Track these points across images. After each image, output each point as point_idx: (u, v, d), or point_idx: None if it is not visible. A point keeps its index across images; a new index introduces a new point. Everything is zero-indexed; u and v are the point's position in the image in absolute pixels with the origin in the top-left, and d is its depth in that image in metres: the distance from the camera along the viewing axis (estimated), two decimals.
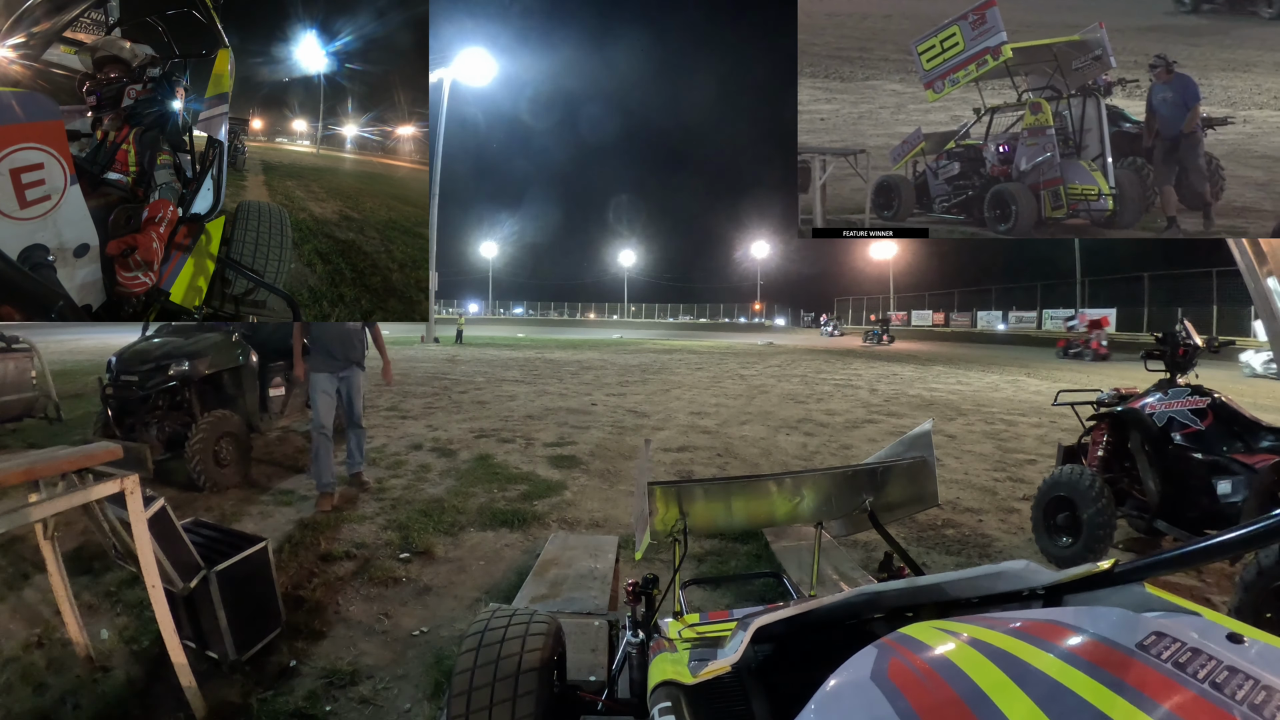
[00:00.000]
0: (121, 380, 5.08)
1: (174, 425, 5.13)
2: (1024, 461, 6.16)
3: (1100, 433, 4.01)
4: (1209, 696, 0.63)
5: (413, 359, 16.40)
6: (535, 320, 64.65)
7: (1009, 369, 16.65)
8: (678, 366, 16.00)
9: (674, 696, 1.16)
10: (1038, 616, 0.86)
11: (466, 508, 4.36)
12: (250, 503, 4.52)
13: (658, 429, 7.49)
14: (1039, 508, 3.88)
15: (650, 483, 1.75)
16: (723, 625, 1.69)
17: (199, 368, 5.19)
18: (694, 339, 34.13)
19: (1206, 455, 3.51)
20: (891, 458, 2.10)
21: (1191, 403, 3.65)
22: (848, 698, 0.78)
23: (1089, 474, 3.64)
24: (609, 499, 4.68)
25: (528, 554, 3.58)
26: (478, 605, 2.99)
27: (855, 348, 27.15)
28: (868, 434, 7.52)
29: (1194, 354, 3.94)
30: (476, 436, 6.76)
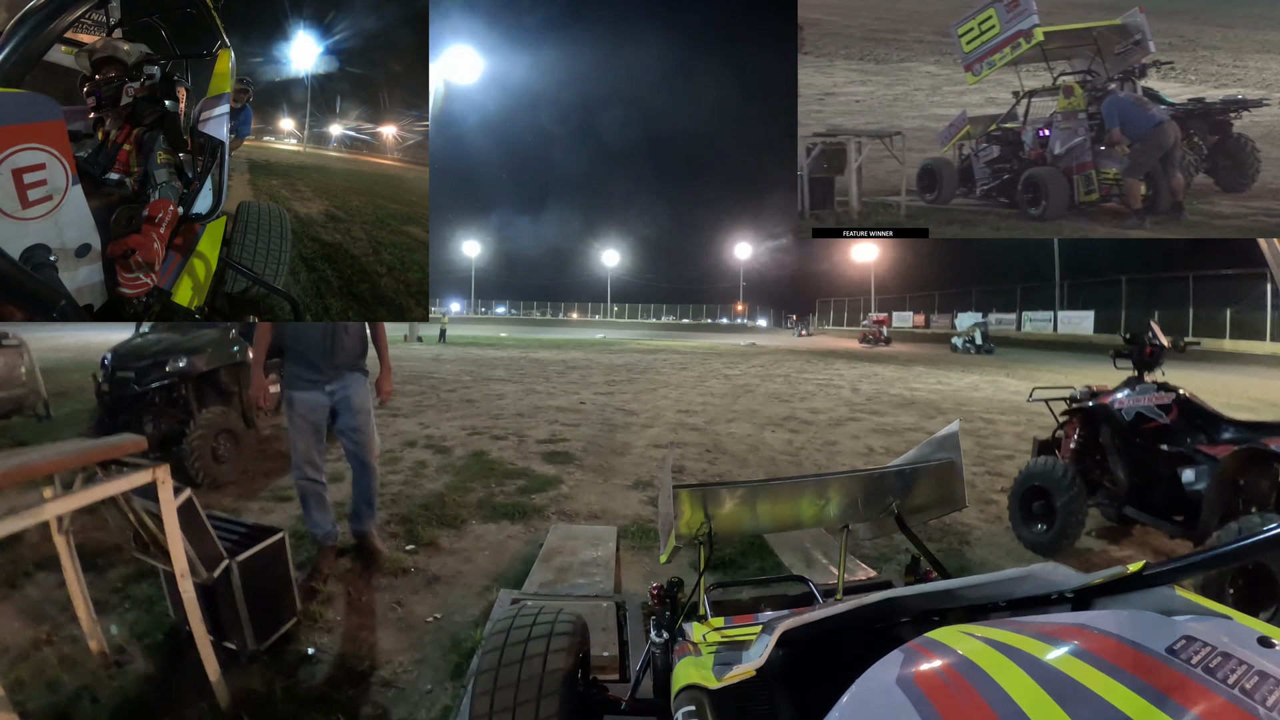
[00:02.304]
0: (118, 376, 5.09)
1: (170, 422, 5.15)
2: (1002, 457, 6.38)
3: (1073, 427, 4.22)
4: (1239, 703, 0.62)
5: (397, 358, 16.38)
6: (518, 320, 64.43)
7: (988, 369, 17.01)
8: (662, 366, 16.17)
9: (698, 700, 1.17)
10: (1065, 620, 0.85)
11: (467, 501, 4.48)
12: (249, 498, 4.60)
13: (647, 426, 7.65)
14: (1015, 497, 4.07)
15: (676, 486, 1.75)
16: (748, 629, 1.68)
17: (197, 364, 5.23)
18: (677, 339, 34.31)
19: (1172, 447, 3.70)
20: (918, 460, 2.06)
21: (1158, 398, 3.85)
22: (873, 703, 0.77)
23: (1062, 465, 3.84)
24: (605, 493, 4.83)
25: (531, 544, 3.71)
26: (488, 592, 3.12)
27: (837, 348, 27.48)
28: (851, 431, 7.73)
29: (1161, 354, 4.15)
30: (469, 434, 6.87)
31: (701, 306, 71.64)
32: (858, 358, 21.40)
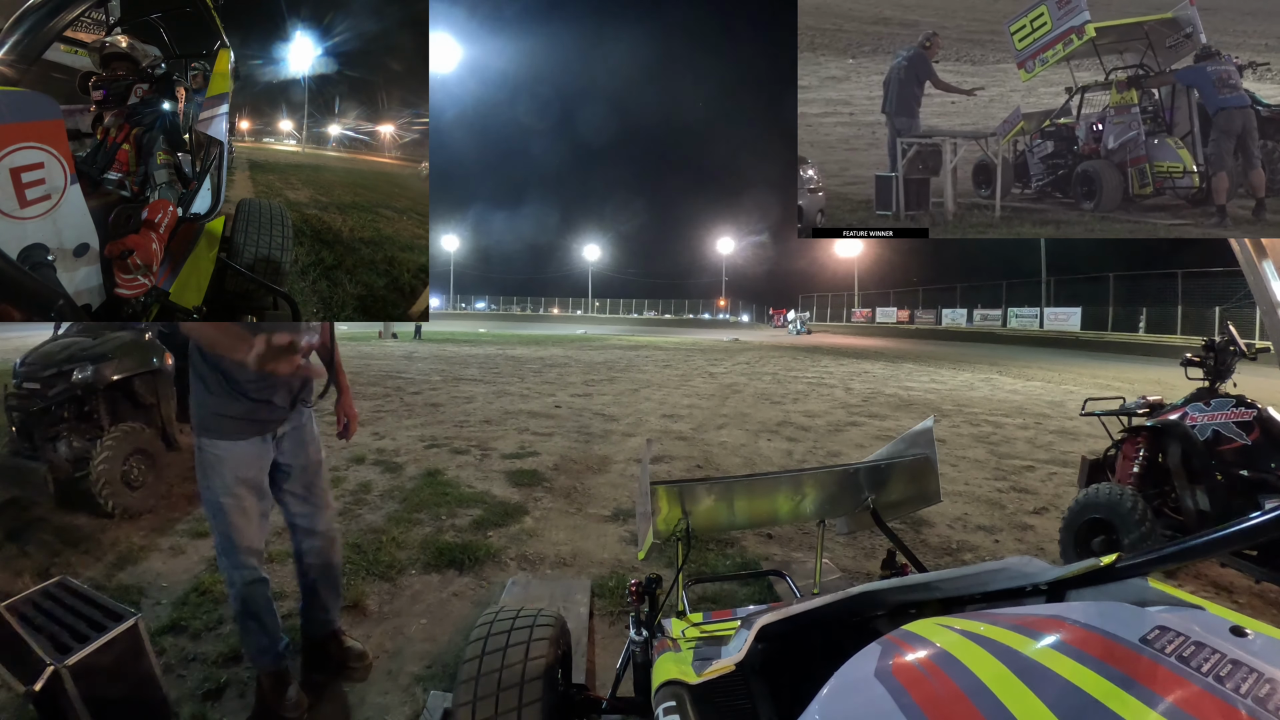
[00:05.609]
0: (24, 389, 4.35)
1: (82, 440, 4.37)
2: (1022, 469, 5.77)
3: (1134, 446, 3.57)
4: (1213, 690, 0.62)
5: (368, 356, 15.51)
6: (497, 315, 63.43)
7: (979, 366, 16.55)
8: (645, 364, 15.45)
9: (678, 696, 1.17)
10: (1041, 612, 0.84)
11: (409, 540, 3.69)
12: (164, 533, 3.82)
13: (628, 435, 6.91)
14: (1070, 529, 3.44)
15: (653, 482, 1.75)
16: (726, 624, 1.72)
17: (105, 373, 4.44)
18: (659, 335, 33.70)
19: (1253, 473, 3.14)
20: (893, 455, 2.08)
21: (1237, 415, 3.24)
22: (852, 695, 0.77)
23: (1130, 494, 3.20)
24: (577, 527, 4.05)
25: (479, 606, 2.94)
26: (413, 691, 2.36)
27: (822, 344, 27.06)
28: (853, 438, 7.07)
29: (1234, 360, 3.53)
30: (427, 446, 6.08)
31: (684, 302, 70.92)
32: (843, 354, 20.91)
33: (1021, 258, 35.95)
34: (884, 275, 51.31)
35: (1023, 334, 31.88)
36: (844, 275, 54.07)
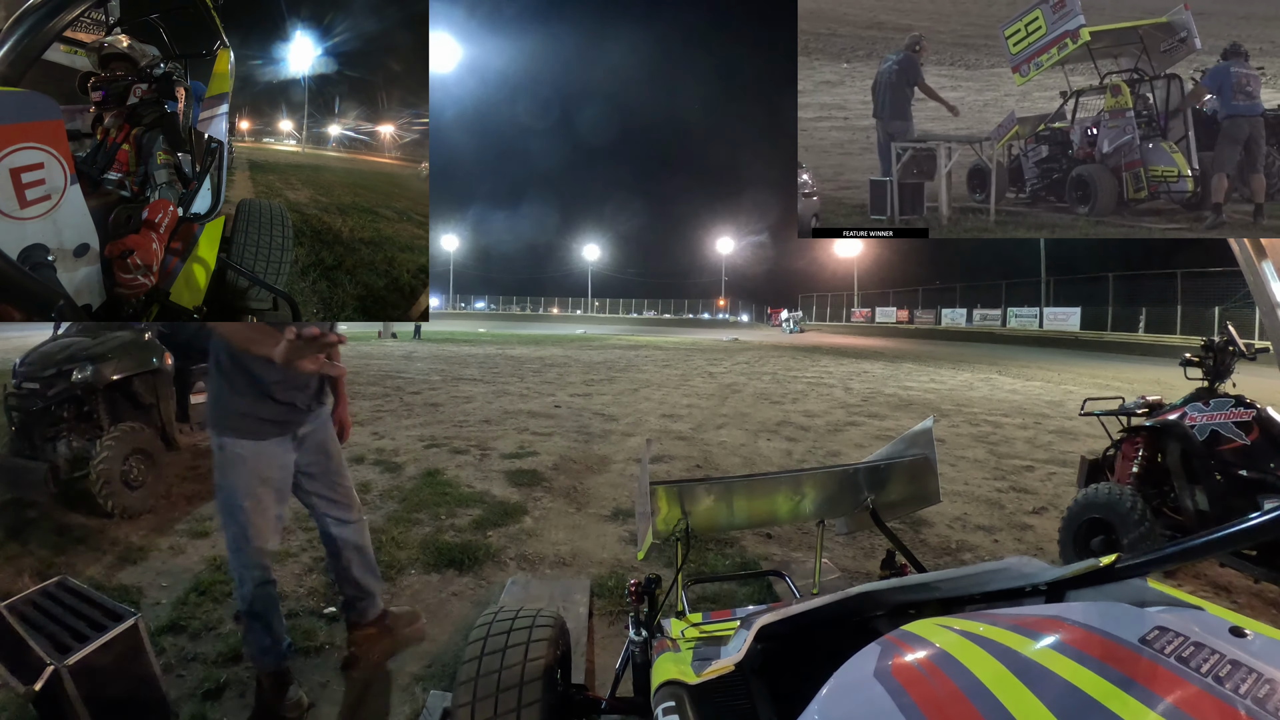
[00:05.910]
0: (24, 388, 4.36)
1: (81, 440, 4.39)
2: (1022, 469, 5.77)
3: (1133, 446, 3.58)
4: (1212, 690, 0.62)
5: (367, 356, 15.51)
6: (497, 315, 63.39)
7: (979, 366, 16.56)
8: (644, 364, 15.45)
9: (678, 696, 1.17)
10: (1040, 612, 0.84)
11: (408, 540, 3.69)
12: (163, 533, 3.82)
13: (627, 434, 6.91)
14: (1069, 529, 3.44)
15: (653, 482, 1.75)
16: (725, 624, 1.72)
17: (105, 372, 4.45)
18: (659, 334, 33.70)
19: (1253, 473, 3.13)
20: (893, 455, 2.07)
21: (1236, 415, 3.25)
22: (851, 695, 0.77)
23: (1129, 494, 3.21)
24: (577, 526, 4.06)
25: (479, 606, 2.95)
26: (412, 691, 2.36)
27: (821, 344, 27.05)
28: (853, 438, 7.07)
29: (1233, 360, 3.54)
30: (426, 446, 6.08)
31: (684, 301, 70.79)
32: (843, 353, 20.92)
33: (1021, 258, 35.94)
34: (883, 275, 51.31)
35: (1022, 334, 31.88)
36: (844, 275, 54.06)
